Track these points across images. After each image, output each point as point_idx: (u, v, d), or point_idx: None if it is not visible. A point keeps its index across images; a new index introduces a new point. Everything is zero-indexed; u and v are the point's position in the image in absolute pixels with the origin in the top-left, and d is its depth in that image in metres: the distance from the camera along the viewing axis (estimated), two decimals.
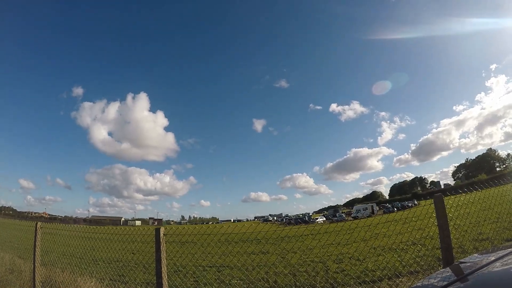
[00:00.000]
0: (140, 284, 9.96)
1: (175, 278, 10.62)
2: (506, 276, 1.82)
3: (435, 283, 1.90)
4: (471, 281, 1.84)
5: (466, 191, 6.60)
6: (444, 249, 4.73)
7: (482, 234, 12.46)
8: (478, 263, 2.13)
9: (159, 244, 5.59)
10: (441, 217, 4.78)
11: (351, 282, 9.21)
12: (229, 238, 11.79)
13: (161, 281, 5.49)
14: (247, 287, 9.49)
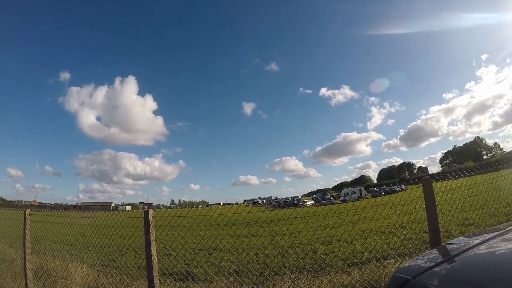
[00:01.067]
0: (131, 268, 10.02)
1: (165, 262, 10.70)
2: (491, 258, 1.91)
3: (422, 263, 1.96)
4: (458, 262, 1.91)
5: (454, 175, 6.66)
6: (432, 231, 4.84)
7: (468, 220, 12.66)
8: (465, 245, 2.21)
9: (148, 226, 5.59)
10: (429, 199, 4.87)
11: (340, 263, 9.35)
12: (219, 221, 11.87)
13: (151, 264, 5.51)
14: (237, 268, 9.59)
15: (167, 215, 8.36)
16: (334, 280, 7.41)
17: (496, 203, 11.92)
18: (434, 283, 1.56)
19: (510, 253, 1.94)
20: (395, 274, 1.79)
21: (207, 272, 9.64)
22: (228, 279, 8.27)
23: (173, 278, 8.98)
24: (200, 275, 9.38)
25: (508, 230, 2.38)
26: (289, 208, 18.41)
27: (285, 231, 13.98)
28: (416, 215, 12.19)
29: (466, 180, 8.64)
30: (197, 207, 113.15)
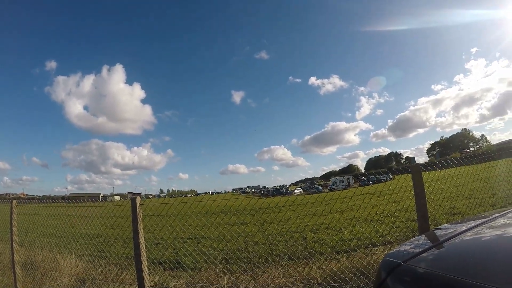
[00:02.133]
0: (120, 258, 10.00)
1: (155, 251, 10.70)
2: (478, 243, 1.93)
3: (412, 249, 1.97)
4: (446, 248, 1.92)
5: (442, 166, 6.78)
6: (421, 217, 4.88)
7: (454, 209, 12.84)
8: (453, 231, 2.24)
9: (135, 214, 5.55)
10: (418, 186, 4.91)
11: (328, 251, 9.43)
12: (208, 210, 11.89)
13: (139, 252, 5.48)
14: (226, 256, 9.63)
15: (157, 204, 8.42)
16: (323, 267, 7.46)
17: (482, 193, 12.09)
18: (425, 267, 1.57)
19: (495, 239, 1.97)
20: (386, 259, 1.79)
21: (196, 260, 9.66)
22: (217, 267, 8.28)
23: (162, 267, 8.98)
24: (189, 264, 9.39)
25: (494, 217, 2.42)
26: (278, 197, 18.46)
27: (273, 219, 14.02)
28: (403, 204, 12.32)
29: (452, 171, 8.74)
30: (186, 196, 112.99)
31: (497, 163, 9.66)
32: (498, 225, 2.21)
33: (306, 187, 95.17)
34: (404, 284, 1.55)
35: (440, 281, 1.41)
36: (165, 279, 7.91)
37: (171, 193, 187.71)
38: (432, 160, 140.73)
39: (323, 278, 6.83)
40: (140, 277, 5.46)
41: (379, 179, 66.87)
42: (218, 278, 7.40)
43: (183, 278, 7.94)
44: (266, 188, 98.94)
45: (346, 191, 17.75)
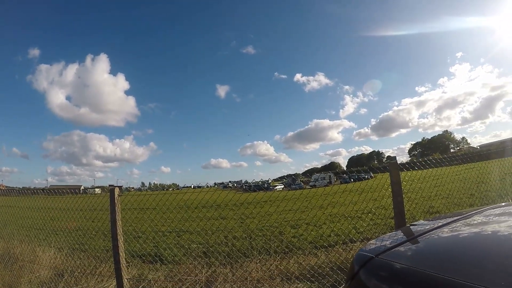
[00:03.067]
0: (99, 251, 9.93)
1: (135, 244, 10.64)
2: (452, 238, 1.98)
3: (386, 243, 2.00)
4: (420, 242, 1.97)
5: (420, 166, 6.94)
6: (397, 214, 4.97)
7: (432, 208, 13.09)
8: (428, 227, 2.29)
9: (114, 205, 5.51)
10: (395, 183, 4.99)
11: (307, 246, 9.50)
12: (189, 204, 11.89)
13: (116, 243, 5.45)
14: (206, 250, 9.63)
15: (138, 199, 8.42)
16: (302, 261, 7.53)
17: (460, 193, 12.34)
18: (397, 261, 1.60)
19: (469, 235, 2.03)
20: (359, 253, 1.83)
21: (176, 254, 9.64)
22: (197, 261, 8.29)
23: (142, 260, 8.96)
24: (168, 257, 9.38)
25: (470, 214, 2.48)
26: (259, 192, 18.53)
27: (254, 214, 14.08)
28: (383, 202, 12.48)
29: (432, 171, 8.89)
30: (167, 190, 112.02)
31: (475, 165, 9.84)
32: (473, 221, 2.27)
33: (288, 183, 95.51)
34: (375, 277, 1.59)
35: (410, 274, 1.45)
36: (144, 272, 7.90)
37: (152, 186, 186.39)
38: (413, 160, 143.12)
39: (301, 272, 6.90)
40: (118, 269, 5.44)
41: (360, 177, 67.51)
42: (196, 271, 7.41)
43: (162, 271, 7.94)
44: (248, 183, 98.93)
45: (327, 188, 17.86)
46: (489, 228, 2.12)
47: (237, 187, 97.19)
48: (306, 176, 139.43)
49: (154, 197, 8.60)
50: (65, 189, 18.59)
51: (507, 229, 1.98)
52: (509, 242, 1.74)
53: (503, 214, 2.43)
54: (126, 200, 7.73)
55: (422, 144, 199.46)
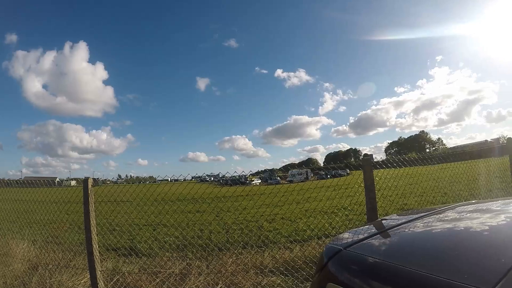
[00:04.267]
0: (74, 244, 9.83)
1: (109, 237, 10.55)
2: (421, 232, 2.04)
3: (356, 236, 2.04)
4: (389, 235, 2.03)
5: (394, 164, 7.13)
6: (370, 209, 5.07)
7: (407, 205, 13.36)
8: (398, 221, 2.36)
9: (87, 196, 5.45)
10: (368, 179, 5.09)
11: (282, 240, 9.59)
12: (165, 197, 11.81)
13: (90, 235, 5.41)
14: (182, 243, 9.63)
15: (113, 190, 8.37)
16: (276, 255, 7.61)
17: (434, 192, 12.59)
18: (364, 253, 1.65)
19: (437, 229, 2.08)
20: (328, 245, 1.86)
21: (151, 247, 9.62)
22: (172, 254, 8.29)
23: (117, 254, 8.91)
24: (144, 250, 9.35)
25: (443, 210, 2.56)
26: (236, 186, 18.58)
27: (230, 208, 14.12)
28: (357, 198, 12.65)
29: (407, 170, 9.08)
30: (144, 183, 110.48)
31: (449, 165, 10.06)
32: (442, 217, 2.32)
33: (265, 178, 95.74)
34: (342, 269, 1.64)
35: (376, 266, 1.50)
36: (119, 265, 7.87)
37: (129, 179, 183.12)
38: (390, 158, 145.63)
39: (275, 266, 6.97)
40: (91, 261, 5.41)
41: (337, 173, 68.20)
42: (171, 264, 7.42)
43: (136, 264, 7.92)
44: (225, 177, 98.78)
45: (304, 184, 17.99)
46: (456, 224, 2.18)
47: (214, 181, 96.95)
48: (283, 172, 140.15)
49: (131, 190, 8.56)
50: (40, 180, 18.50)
51: (474, 225, 2.05)
52: (475, 237, 1.80)
53: (472, 211, 2.51)
54: (103, 192, 7.70)
55: (398, 143, 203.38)
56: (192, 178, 9.65)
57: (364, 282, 1.49)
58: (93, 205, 5.59)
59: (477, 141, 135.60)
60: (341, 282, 1.56)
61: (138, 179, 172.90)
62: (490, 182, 10.10)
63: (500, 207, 2.56)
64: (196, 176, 25.44)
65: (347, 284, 1.53)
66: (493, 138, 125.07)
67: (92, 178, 5.70)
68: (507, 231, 1.80)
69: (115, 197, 8.70)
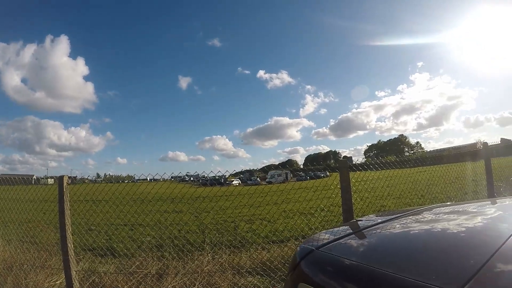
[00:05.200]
0: (50, 244, 9.69)
1: (86, 237, 10.42)
2: (394, 233, 2.09)
3: (329, 236, 2.08)
4: (363, 235, 2.08)
5: (376, 167, 7.30)
6: (345, 210, 5.13)
7: (384, 207, 13.53)
8: (373, 221, 2.41)
9: (62, 194, 5.38)
10: (344, 180, 5.15)
11: (260, 241, 9.61)
12: (144, 197, 11.74)
13: (65, 234, 5.35)
14: (159, 243, 9.59)
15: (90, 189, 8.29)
16: (254, 256, 7.63)
17: (411, 194, 12.79)
18: (336, 254, 1.68)
19: (410, 229, 2.14)
20: (302, 245, 1.88)
21: (129, 247, 9.54)
22: (149, 254, 8.25)
23: (93, 254, 8.81)
24: (121, 251, 9.27)
25: (420, 210, 2.61)
26: (216, 187, 18.61)
27: (209, 208, 14.09)
28: (336, 199, 12.75)
29: (386, 172, 9.24)
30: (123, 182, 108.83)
31: (427, 168, 10.25)
32: (418, 218, 2.39)
33: (245, 179, 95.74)
34: (313, 269, 1.66)
35: (346, 267, 1.52)
36: (95, 265, 7.79)
37: (108, 178, 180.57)
38: (368, 161, 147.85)
39: (253, 266, 7.00)
40: (66, 260, 5.35)
41: (316, 175, 68.54)
42: (148, 265, 7.38)
43: (113, 265, 7.85)
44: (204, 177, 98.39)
45: (284, 185, 18.05)
46: (429, 225, 2.24)
47: (194, 181, 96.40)
48: (263, 172, 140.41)
49: (109, 189, 8.47)
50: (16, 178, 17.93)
51: (447, 226, 2.10)
52: (447, 238, 1.85)
53: (446, 212, 2.56)
54: (79, 191, 7.61)
55: (378, 146, 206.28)
56: (171, 177, 9.61)
57: (334, 282, 1.51)
58: (68, 203, 5.52)
59: (455, 145, 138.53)
60: (312, 282, 1.58)
61: (117, 178, 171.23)
62: (466, 185, 10.33)
63: (476, 209, 2.63)
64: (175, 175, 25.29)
65: (318, 284, 1.55)
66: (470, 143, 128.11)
67: (68, 176, 5.63)
68: (479, 233, 1.87)
69: (93, 196, 8.61)
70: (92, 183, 19.91)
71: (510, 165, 14.66)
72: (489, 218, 2.31)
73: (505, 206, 2.74)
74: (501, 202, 3.03)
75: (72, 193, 6.08)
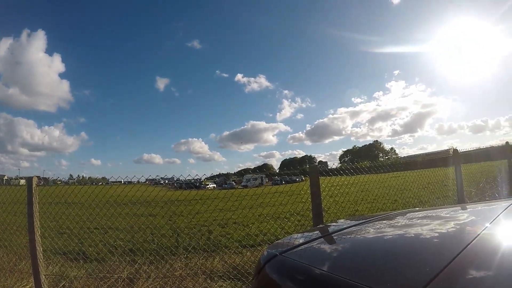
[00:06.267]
0: (20, 247, 9.51)
1: (58, 240, 10.27)
2: (358, 238, 2.13)
3: (295, 241, 2.09)
4: (329, 241, 2.12)
5: (352, 172, 7.47)
6: (315, 215, 5.21)
7: (357, 211, 13.72)
8: (343, 226, 2.45)
9: (31, 195, 5.31)
10: (314, 186, 5.23)
11: (234, 245, 9.63)
12: (118, 200, 11.60)
13: (33, 237, 5.28)
14: (132, 247, 9.51)
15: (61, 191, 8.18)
16: (227, 260, 7.65)
17: (385, 199, 13.01)
18: (297, 259, 1.68)
19: (375, 235, 2.17)
20: (266, 250, 1.90)
21: (101, 251, 9.44)
22: (122, 258, 8.18)
23: (65, 258, 8.69)
24: (93, 255, 9.16)
25: (394, 215, 2.66)
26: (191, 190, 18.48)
27: (183, 212, 14.03)
28: (310, 204, 12.83)
29: (361, 177, 9.40)
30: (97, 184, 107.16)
31: (401, 174, 10.44)
32: (384, 223, 2.40)
33: (220, 182, 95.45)
34: (276, 274, 1.69)
35: (305, 272, 1.55)
36: (66, 270, 7.68)
37: (81, 179, 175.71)
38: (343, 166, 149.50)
39: (226, 270, 7.01)
40: (35, 264, 5.28)
41: (292, 179, 68.82)
42: (120, 269, 7.33)
43: (84, 269, 7.75)
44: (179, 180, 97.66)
45: (258, 189, 18.10)
46: (393, 231, 2.24)
47: (168, 184, 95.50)
48: (239, 176, 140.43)
49: (82, 191, 8.38)
50: None
51: (410, 232, 2.12)
52: (408, 244, 1.88)
53: (412, 218, 2.59)
54: (54, 193, 7.51)
55: (353, 152, 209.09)
56: (146, 180, 9.55)
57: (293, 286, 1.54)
58: (38, 205, 5.44)
59: (428, 151, 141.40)
60: (274, 287, 1.61)
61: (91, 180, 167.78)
62: (438, 190, 10.55)
63: (444, 214, 2.67)
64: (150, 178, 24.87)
65: None
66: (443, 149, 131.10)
67: (40, 177, 5.57)
68: (440, 239, 1.87)
69: (66, 198, 8.52)
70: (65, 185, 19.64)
71: (481, 171, 15.11)
72: (457, 223, 2.34)
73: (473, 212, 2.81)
74: (470, 207, 3.12)
75: (42, 194, 6.01)
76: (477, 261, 1.41)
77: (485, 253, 1.50)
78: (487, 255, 1.49)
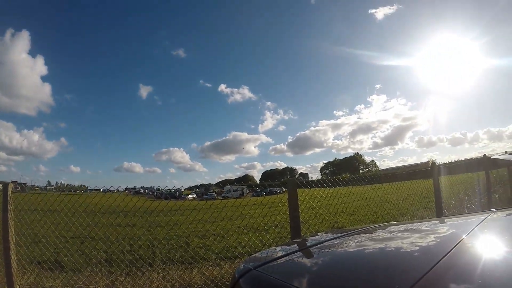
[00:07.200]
0: None
1: (34, 249, 10.08)
2: (332, 252, 2.16)
3: (270, 255, 2.11)
4: (307, 254, 2.14)
5: (330, 185, 7.57)
6: (293, 228, 5.25)
7: (338, 223, 13.76)
8: (320, 239, 2.48)
9: (6, 202, 5.22)
10: (292, 198, 5.28)
11: (213, 257, 9.58)
12: (96, 209, 11.45)
13: (8, 245, 5.18)
14: (109, 258, 9.39)
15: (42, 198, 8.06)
16: (205, 272, 7.62)
17: (365, 210, 13.11)
18: (270, 274, 1.71)
19: (350, 249, 2.20)
20: (241, 264, 1.89)
21: (77, 261, 9.31)
22: (98, 269, 8.08)
23: (40, 267, 8.53)
24: (69, 265, 9.03)
25: (373, 228, 2.69)
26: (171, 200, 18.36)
27: (162, 222, 13.92)
28: None
29: (341, 189, 9.48)
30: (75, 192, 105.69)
31: (381, 186, 10.55)
32: (361, 237, 2.44)
33: (200, 193, 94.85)
34: None
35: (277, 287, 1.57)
36: (41, 280, 7.55)
37: (59, 186, 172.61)
38: (324, 178, 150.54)
39: (203, 283, 6.98)
40: (9, 273, 5.19)
41: (272, 191, 68.90)
42: (96, 280, 7.23)
43: (60, 279, 7.63)
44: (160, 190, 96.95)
45: (240, 200, 18.06)
46: (368, 244, 2.27)
47: (148, 194, 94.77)
48: (220, 187, 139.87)
49: (60, 199, 8.25)
50: None
51: (385, 246, 2.16)
52: (381, 258, 1.91)
53: (392, 231, 2.64)
54: (28, 201, 7.40)
55: (334, 164, 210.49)
56: (126, 189, 9.47)
57: None
58: (13, 212, 5.36)
59: (408, 164, 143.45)
60: None
61: (69, 187, 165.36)
62: (417, 202, 10.70)
63: (422, 228, 2.71)
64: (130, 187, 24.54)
65: None
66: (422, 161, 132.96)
67: (17, 182, 5.49)
68: (418, 252, 1.90)
69: (43, 205, 8.38)
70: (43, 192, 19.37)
71: (460, 182, 15.38)
72: (436, 236, 2.36)
73: (451, 225, 2.85)
74: (449, 220, 3.19)
75: (18, 201, 5.92)
76: (452, 272, 1.44)
77: (461, 264, 1.54)
78: (463, 265, 1.53)
